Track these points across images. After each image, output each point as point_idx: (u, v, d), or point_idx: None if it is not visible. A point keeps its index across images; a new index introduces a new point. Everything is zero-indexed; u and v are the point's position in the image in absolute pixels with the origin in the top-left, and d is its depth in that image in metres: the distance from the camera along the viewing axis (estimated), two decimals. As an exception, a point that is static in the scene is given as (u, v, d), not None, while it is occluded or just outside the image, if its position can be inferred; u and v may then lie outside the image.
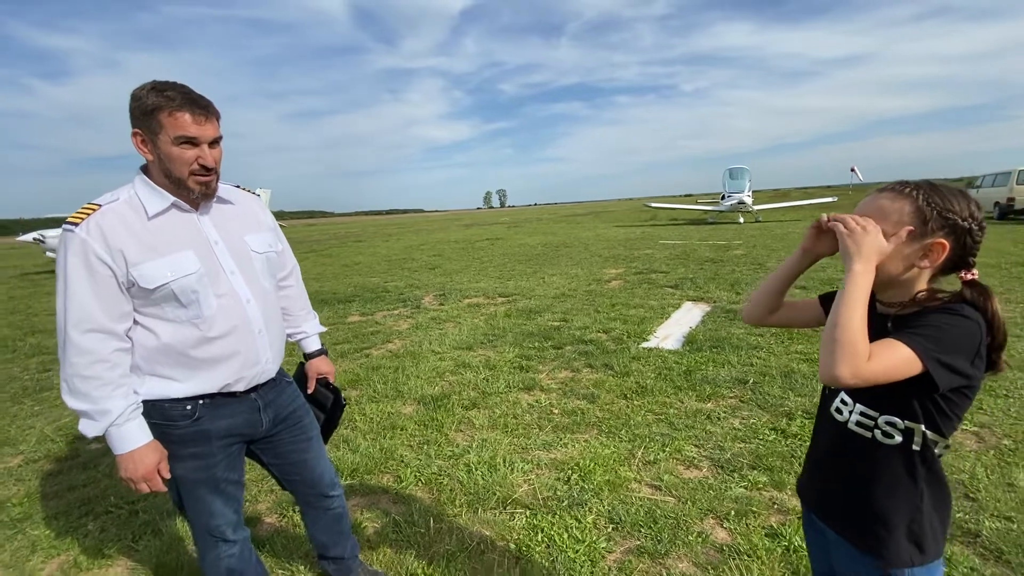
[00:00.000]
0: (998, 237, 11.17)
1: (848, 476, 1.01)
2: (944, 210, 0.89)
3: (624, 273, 8.81)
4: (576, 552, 1.99)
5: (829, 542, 1.08)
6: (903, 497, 0.95)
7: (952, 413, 0.90)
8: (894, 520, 0.95)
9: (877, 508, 0.97)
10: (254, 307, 1.40)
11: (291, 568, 1.99)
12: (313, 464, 1.65)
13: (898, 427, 0.93)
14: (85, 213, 1.22)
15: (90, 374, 1.21)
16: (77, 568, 2.10)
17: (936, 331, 0.86)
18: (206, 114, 1.27)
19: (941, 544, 0.97)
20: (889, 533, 0.95)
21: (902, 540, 0.95)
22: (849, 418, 1.00)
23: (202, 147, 1.27)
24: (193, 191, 1.30)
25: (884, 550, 0.96)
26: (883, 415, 0.94)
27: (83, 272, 1.20)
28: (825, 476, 1.08)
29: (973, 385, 0.88)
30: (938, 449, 0.93)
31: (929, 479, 0.94)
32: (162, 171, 1.28)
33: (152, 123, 1.23)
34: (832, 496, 1.06)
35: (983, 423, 2.85)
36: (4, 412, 3.91)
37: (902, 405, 0.92)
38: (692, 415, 3.12)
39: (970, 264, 0.93)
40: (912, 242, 0.90)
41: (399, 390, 3.82)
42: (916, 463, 0.93)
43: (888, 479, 0.96)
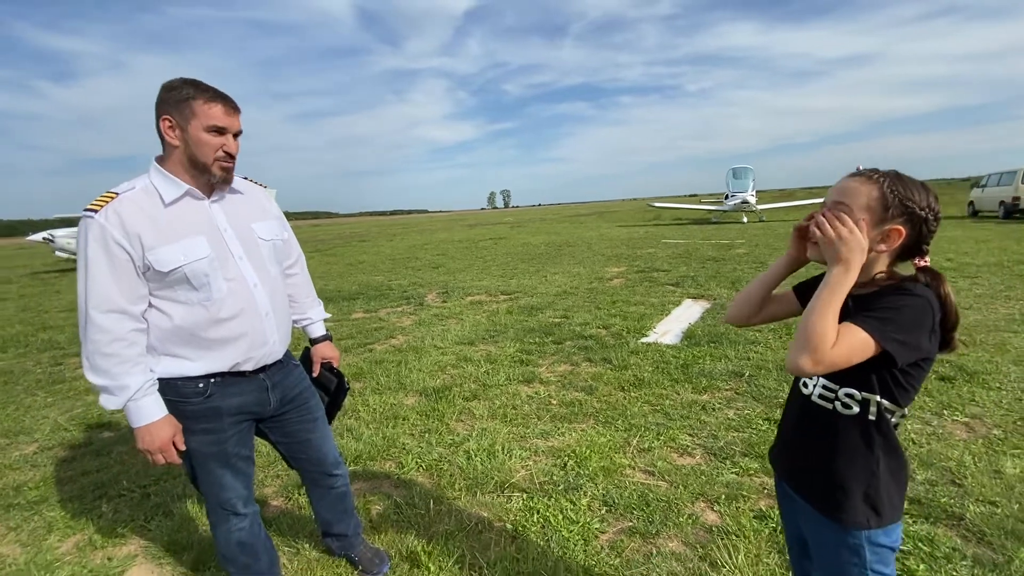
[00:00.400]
0: (1002, 236, 11.15)
1: (811, 445, 1.08)
2: (905, 198, 0.96)
3: (626, 271, 8.87)
4: (570, 532, 2.06)
5: (798, 508, 1.15)
6: (860, 464, 1.02)
7: (908, 384, 0.97)
8: (852, 485, 1.02)
9: (837, 474, 1.03)
10: (261, 291, 1.49)
11: (297, 546, 2.07)
12: (318, 443, 1.74)
13: (855, 398, 1.00)
14: (104, 201, 1.31)
15: (110, 351, 1.30)
16: (92, 546, 2.19)
17: (890, 312, 0.92)
18: (234, 109, 1.40)
19: (898, 509, 1.04)
20: (847, 497, 1.02)
21: (859, 504, 1.02)
22: (813, 391, 1.07)
23: (228, 136, 1.39)
24: (215, 176, 1.40)
25: (843, 513, 1.02)
26: (842, 388, 1.01)
27: (102, 256, 1.28)
28: (792, 446, 1.16)
29: (929, 358, 0.95)
30: (894, 418, 1.00)
31: (885, 447, 1.01)
32: (187, 156, 1.37)
33: (185, 110, 1.34)
34: (798, 464, 1.14)
35: (974, 414, 2.90)
36: (19, 403, 4.03)
37: (860, 378, 0.98)
38: (687, 406, 3.19)
39: (924, 251, 1.00)
40: (873, 228, 0.96)
41: (401, 382, 3.90)
42: (872, 432, 1.00)
43: (847, 447, 1.02)
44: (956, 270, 7.18)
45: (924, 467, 2.39)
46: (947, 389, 3.22)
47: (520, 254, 12.97)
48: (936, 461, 2.43)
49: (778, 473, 1.21)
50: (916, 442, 2.62)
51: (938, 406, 3.01)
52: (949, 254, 8.68)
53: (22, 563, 2.10)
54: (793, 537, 1.25)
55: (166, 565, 2.05)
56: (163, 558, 2.09)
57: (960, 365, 3.56)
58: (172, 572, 2.01)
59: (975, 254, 8.62)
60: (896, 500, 1.03)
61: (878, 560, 1.03)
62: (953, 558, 1.83)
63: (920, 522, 2.02)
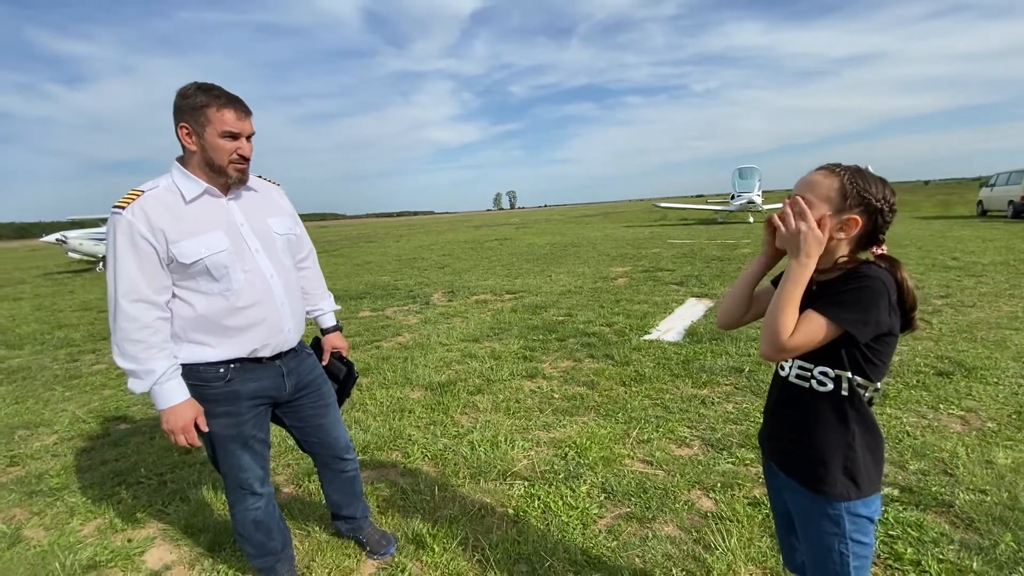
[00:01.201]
0: (1010, 235, 11.10)
1: (792, 423, 1.16)
2: (863, 190, 1.03)
3: (631, 271, 8.93)
4: (570, 517, 2.14)
5: (782, 485, 1.22)
6: (837, 438, 1.09)
7: (877, 360, 1.04)
8: (831, 459, 1.09)
9: (816, 449, 1.10)
10: (276, 282, 1.58)
11: (308, 528, 2.16)
12: (330, 428, 1.83)
13: (829, 376, 1.07)
14: (131, 198, 1.40)
15: (138, 338, 1.39)
16: (113, 529, 2.29)
17: (848, 295, 1.00)
18: (246, 113, 1.49)
19: (876, 481, 1.11)
20: (827, 471, 1.09)
21: (839, 476, 1.08)
22: (790, 372, 1.14)
23: (241, 140, 1.48)
24: (231, 177, 1.50)
25: (824, 486, 1.09)
26: (817, 367, 1.08)
27: (130, 249, 1.38)
28: (776, 426, 1.22)
29: (892, 333, 1.02)
30: (867, 393, 1.07)
31: (859, 420, 1.08)
32: (204, 160, 1.47)
33: (200, 118, 1.43)
34: (781, 442, 1.21)
35: (970, 407, 2.95)
36: (38, 397, 4.16)
37: (832, 356, 1.05)
38: (687, 400, 3.26)
39: (880, 240, 1.08)
40: (833, 217, 1.03)
41: (408, 377, 4.00)
42: (846, 407, 1.07)
43: (824, 422, 1.09)
44: (962, 269, 7.18)
45: (917, 457, 2.45)
46: (944, 384, 3.27)
47: (525, 254, 13.05)
48: (930, 452, 2.48)
49: (766, 454, 1.28)
50: (911, 434, 2.67)
51: (935, 400, 3.05)
52: (956, 253, 8.67)
53: (46, 545, 2.20)
54: (779, 513, 1.32)
55: (184, 546, 2.14)
56: (180, 540, 2.18)
57: (959, 361, 3.60)
58: (190, 553, 2.10)
59: (982, 253, 8.60)
60: (874, 472, 1.10)
61: (856, 529, 1.10)
62: (941, 542, 1.89)
63: (911, 509, 2.08)
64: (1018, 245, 9.38)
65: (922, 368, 3.53)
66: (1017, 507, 2.03)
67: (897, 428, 2.74)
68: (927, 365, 3.58)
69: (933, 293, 5.77)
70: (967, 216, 18.21)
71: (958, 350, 3.86)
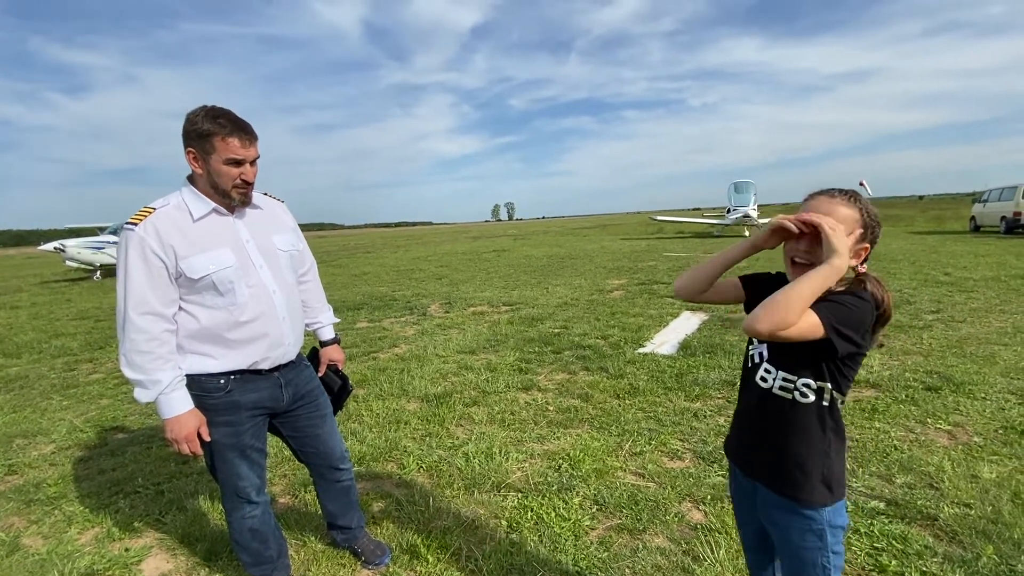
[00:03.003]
0: (1002, 251, 11.23)
1: (772, 432, 1.20)
2: (872, 217, 1.11)
3: (626, 284, 9.00)
4: (562, 528, 2.17)
5: (756, 496, 1.26)
6: (816, 445, 1.14)
7: (848, 375, 1.11)
8: (810, 466, 1.14)
9: (796, 456, 1.15)
10: (279, 297, 1.64)
11: (303, 538, 2.19)
12: (326, 438, 1.87)
13: (811, 387, 1.12)
14: (143, 215, 1.46)
15: (146, 349, 1.45)
16: (110, 538, 2.31)
17: (841, 307, 1.05)
18: (251, 139, 1.54)
19: (843, 486, 1.17)
20: (806, 477, 1.14)
21: (817, 483, 1.14)
22: (773, 384, 1.18)
23: (244, 166, 1.54)
24: (234, 200, 1.57)
25: (802, 493, 1.14)
26: (800, 379, 1.13)
27: (141, 264, 1.44)
28: (753, 435, 1.25)
29: (863, 353, 1.09)
30: (840, 404, 1.14)
31: (834, 429, 1.14)
32: (210, 183, 1.53)
33: (206, 145, 1.49)
34: (759, 452, 1.24)
35: (957, 422, 3.00)
36: (35, 406, 4.18)
37: (815, 369, 1.12)
38: (680, 413, 3.30)
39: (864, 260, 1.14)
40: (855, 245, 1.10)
41: (404, 389, 4.03)
42: (825, 416, 1.13)
43: (805, 431, 1.15)
44: (953, 284, 7.27)
45: (904, 471, 2.49)
46: (932, 399, 3.32)
47: (522, 266, 13.13)
48: (916, 466, 2.53)
49: (738, 465, 1.31)
50: (898, 448, 2.72)
51: (922, 414, 3.11)
52: (948, 268, 8.78)
53: (44, 553, 2.22)
54: (752, 535, 1.35)
55: (180, 556, 2.17)
56: (177, 549, 2.21)
57: (948, 376, 3.66)
58: (186, 562, 2.13)
59: (973, 268, 8.71)
60: (842, 478, 1.16)
61: (836, 542, 1.15)
62: (924, 555, 1.93)
63: (896, 522, 2.12)
64: (1010, 261, 9.49)
65: (911, 382, 3.59)
66: (1000, 521, 2.08)
67: (885, 442, 2.78)
68: (916, 380, 3.64)
69: (924, 308, 5.85)
70: (960, 231, 18.40)
71: (947, 365, 3.92)
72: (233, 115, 1.51)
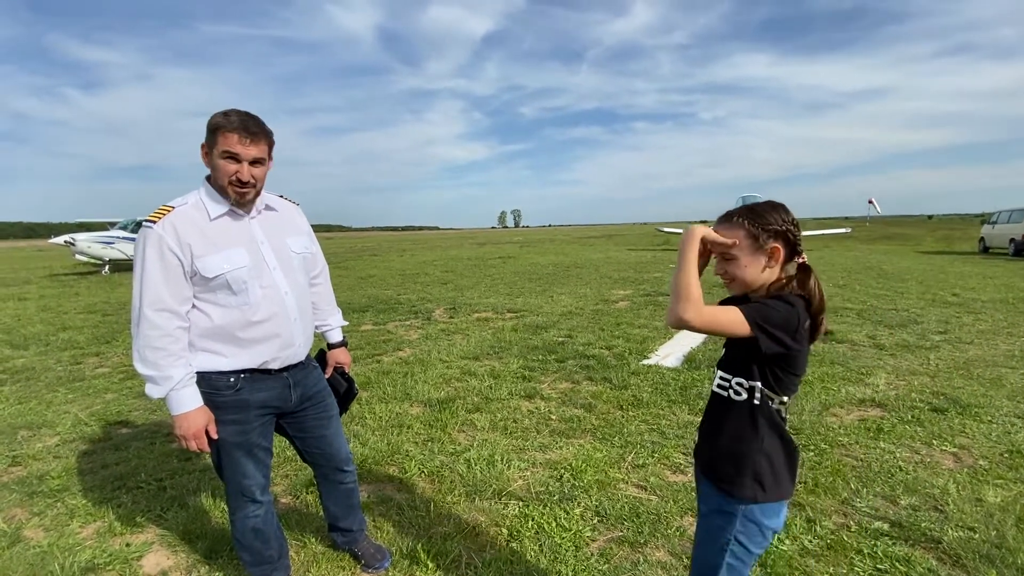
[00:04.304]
0: (1010, 273, 11.16)
1: (712, 429, 1.27)
2: (766, 224, 1.16)
3: (632, 295, 8.99)
4: (563, 538, 2.17)
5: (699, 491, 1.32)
6: (747, 441, 1.19)
7: (782, 377, 1.16)
8: (741, 461, 1.19)
9: (729, 451, 1.21)
10: (291, 298, 1.65)
11: (304, 539, 2.19)
12: (332, 440, 1.88)
13: (744, 386, 1.18)
14: (161, 213, 1.49)
15: (159, 345, 1.46)
16: (112, 533, 2.32)
17: (764, 306, 1.12)
18: (252, 138, 1.51)
19: (784, 488, 1.19)
20: (737, 472, 1.19)
21: (747, 478, 1.18)
22: (715, 382, 1.26)
23: (242, 164, 1.51)
24: (230, 198, 1.56)
25: (732, 486, 1.19)
26: (735, 377, 1.20)
27: (157, 261, 1.46)
28: (702, 435, 1.32)
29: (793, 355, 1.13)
30: (775, 404, 1.18)
31: (768, 427, 1.18)
32: (215, 178, 1.54)
33: (212, 138, 1.51)
34: (702, 447, 1.31)
35: (963, 445, 2.98)
36: (40, 398, 4.21)
37: (746, 369, 1.18)
38: (683, 426, 3.29)
39: (800, 251, 1.20)
40: (756, 254, 1.17)
41: (407, 393, 4.04)
42: (757, 414, 1.18)
43: (737, 427, 1.20)
44: (961, 305, 7.23)
45: (909, 493, 2.47)
46: (939, 420, 3.30)
47: (528, 273, 13.14)
48: (921, 488, 2.51)
49: (697, 466, 1.34)
50: (903, 469, 2.70)
51: (928, 436, 3.08)
52: (956, 289, 8.73)
53: (46, 545, 2.23)
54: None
55: (181, 552, 2.17)
56: (178, 546, 2.22)
57: (955, 398, 3.64)
58: (187, 559, 2.13)
59: (982, 290, 8.65)
60: (783, 479, 1.19)
61: (744, 532, 1.19)
62: (927, 578, 1.91)
63: (899, 544, 2.10)
64: (1018, 283, 9.43)
65: (917, 403, 3.56)
66: (1004, 545, 2.06)
67: (890, 463, 2.76)
68: (922, 400, 3.61)
69: (932, 328, 5.81)
70: (969, 252, 18.30)
71: (954, 387, 3.90)
72: (245, 114, 1.51)
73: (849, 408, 3.55)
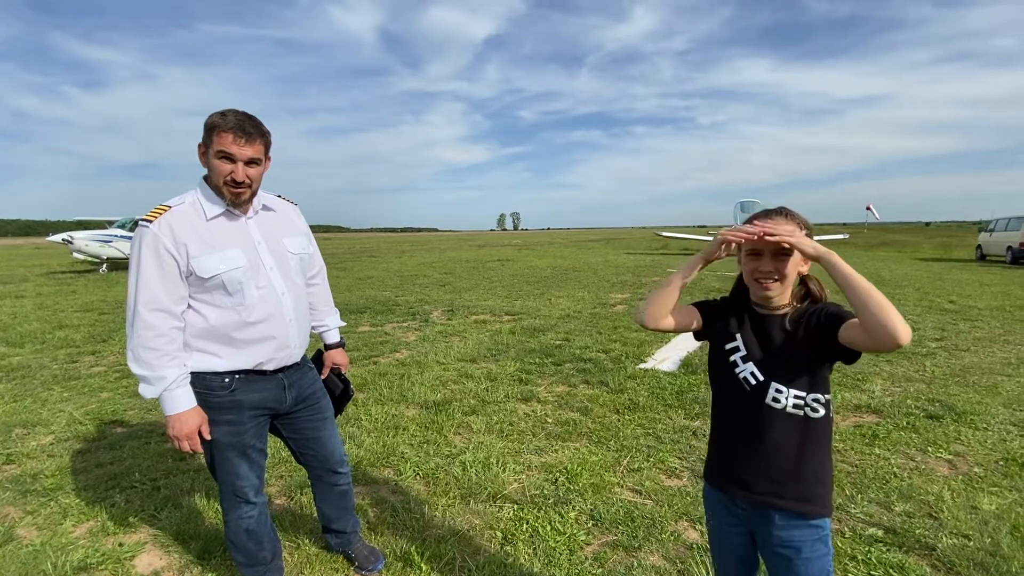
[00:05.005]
0: (1008, 281, 11.20)
1: (789, 453, 1.16)
2: (806, 221, 1.17)
3: (630, 298, 9.00)
4: (557, 542, 2.16)
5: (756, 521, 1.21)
6: (827, 456, 1.17)
7: None
8: (826, 478, 1.17)
9: (815, 472, 1.16)
10: (288, 299, 1.65)
11: (297, 541, 2.18)
12: (326, 441, 1.88)
13: (820, 401, 1.14)
14: (158, 213, 1.48)
15: (153, 345, 1.46)
16: (105, 532, 2.31)
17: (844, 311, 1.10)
18: (247, 138, 1.50)
19: None
20: (825, 489, 1.17)
21: (829, 493, 1.17)
22: (786, 404, 1.15)
23: (237, 164, 1.50)
24: (226, 199, 1.55)
25: (823, 507, 1.16)
26: (810, 394, 1.14)
27: (153, 261, 1.46)
28: (767, 461, 1.18)
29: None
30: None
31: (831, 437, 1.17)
32: (211, 178, 1.54)
33: (208, 138, 1.51)
34: (771, 476, 1.17)
35: (958, 452, 2.98)
36: (36, 396, 4.19)
37: (824, 383, 1.15)
38: (679, 431, 3.29)
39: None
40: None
41: (404, 395, 4.03)
42: (831, 427, 1.17)
43: (820, 445, 1.16)
44: (958, 312, 7.25)
45: (903, 499, 2.47)
46: (934, 427, 3.30)
47: (526, 276, 13.14)
48: (915, 495, 2.51)
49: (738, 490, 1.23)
50: (898, 475, 2.70)
51: (923, 443, 3.09)
52: (952, 296, 8.75)
53: (38, 544, 2.22)
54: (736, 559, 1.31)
55: (174, 553, 2.16)
56: (171, 546, 2.21)
57: (950, 405, 3.64)
58: (179, 559, 2.12)
59: (978, 297, 8.68)
60: None
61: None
62: (921, 585, 1.91)
63: (893, 550, 2.10)
64: (1015, 291, 9.46)
65: (913, 410, 3.57)
66: (999, 553, 2.06)
67: (885, 469, 2.76)
68: (918, 407, 3.62)
69: (928, 335, 5.82)
70: (966, 259, 18.35)
71: (950, 394, 3.91)
72: (241, 114, 1.50)
73: (845, 414, 3.55)
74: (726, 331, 1.26)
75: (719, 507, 1.30)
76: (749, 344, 1.22)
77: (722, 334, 1.27)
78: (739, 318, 1.26)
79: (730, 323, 1.26)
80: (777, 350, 1.18)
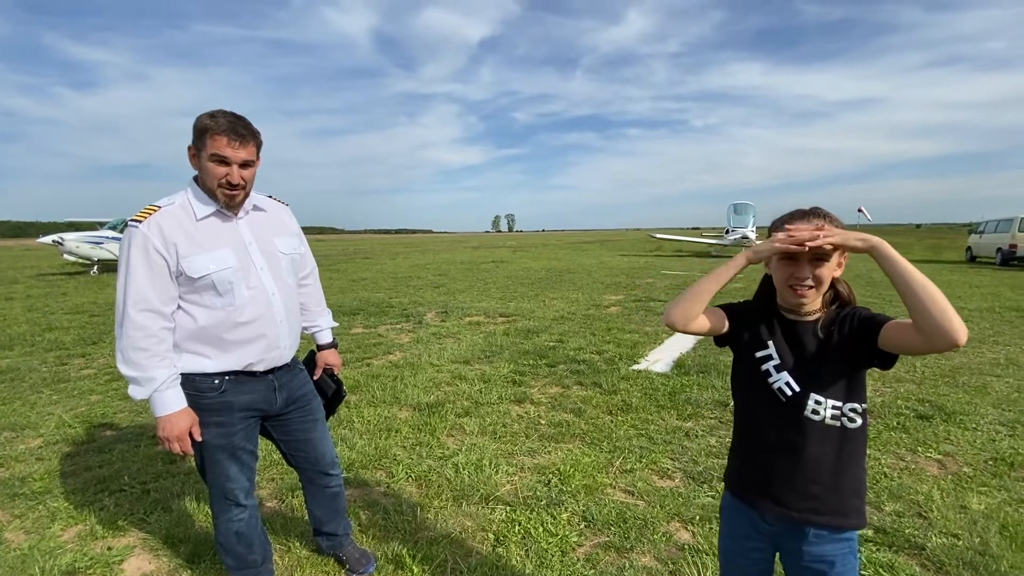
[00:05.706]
0: (997, 282, 11.31)
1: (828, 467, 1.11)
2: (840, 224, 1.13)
3: (623, 300, 9.02)
4: (549, 543, 2.16)
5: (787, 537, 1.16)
6: (863, 467, 1.14)
7: None
8: (862, 489, 1.14)
9: (853, 483, 1.12)
10: (278, 300, 1.64)
11: (288, 544, 2.17)
12: (317, 443, 1.87)
13: (857, 411, 1.10)
14: (148, 213, 1.48)
15: (142, 346, 1.45)
16: (93, 536, 2.29)
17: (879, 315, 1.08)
18: (241, 140, 1.50)
19: None
20: (862, 501, 1.14)
21: (864, 504, 1.14)
22: (825, 416, 1.10)
23: (232, 167, 1.50)
24: (220, 201, 1.55)
25: (859, 518, 1.12)
26: (847, 403, 1.09)
27: (143, 261, 1.45)
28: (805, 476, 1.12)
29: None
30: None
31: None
32: (203, 181, 1.53)
33: (200, 141, 1.50)
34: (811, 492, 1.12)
35: (948, 452, 3.01)
36: (24, 399, 4.14)
37: (860, 390, 1.11)
38: (671, 432, 3.30)
39: None
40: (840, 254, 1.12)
41: (396, 397, 4.02)
42: (866, 437, 1.13)
43: (857, 456, 1.12)
44: (947, 314, 7.31)
45: (893, 499, 2.49)
46: (924, 427, 3.33)
47: (520, 278, 13.15)
48: (905, 495, 2.53)
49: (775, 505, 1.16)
50: (888, 475, 2.72)
51: (913, 443, 3.11)
52: (942, 298, 8.82)
53: (26, 548, 2.20)
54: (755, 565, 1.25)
55: (163, 556, 2.15)
56: (160, 550, 2.19)
57: (940, 405, 3.67)
58: (168, 563, 2.10)
59: (968, 299, 8.76)
60: None
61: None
62: (910, 584, 1.92)
63: (883, 550, 2.12)
64: (1004, 292, 9.56)
65: (903, 410, 3.60)
66: (988, 553, 2.07)
67: (875, 469, 2.78)
68: (908, 408, 3.65)
69: (918, 336, 5.87)
70: (956, 261, 18.53)
71: (939, 394, 3.94)
72: (233, 116, 1.50)
73: (836, 415, 3.57)
74: (757, 338, 1.19)
75: (741, 520, 1.24)
76: (782, 352, 1.15)
77: (752, 341, 1.20)
78: (768, 324, 1.19)
79: (760, 329, 1.20)
80: (811, 358, 1.12)
